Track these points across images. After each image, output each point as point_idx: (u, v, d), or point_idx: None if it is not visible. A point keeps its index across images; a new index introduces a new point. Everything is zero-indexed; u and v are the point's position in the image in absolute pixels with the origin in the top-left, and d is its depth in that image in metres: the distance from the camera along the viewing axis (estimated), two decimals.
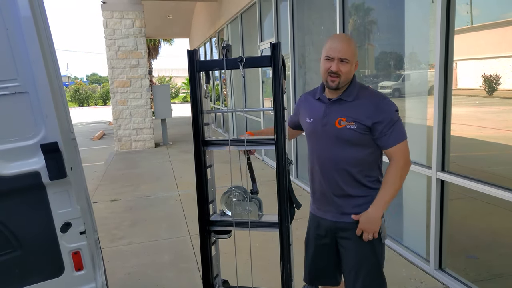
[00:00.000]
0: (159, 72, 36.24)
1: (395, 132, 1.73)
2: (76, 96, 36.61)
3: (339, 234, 1.90)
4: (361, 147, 1.78)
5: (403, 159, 1.76)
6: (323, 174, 1.87)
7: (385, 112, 1.73)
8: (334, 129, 1.78)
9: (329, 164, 1.84)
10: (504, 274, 2.74)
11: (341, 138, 1.78)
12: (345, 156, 1.80)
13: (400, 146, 1.75)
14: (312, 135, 1.90)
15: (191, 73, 1.77)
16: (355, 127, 1.74)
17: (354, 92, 1.79)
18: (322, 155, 1.86)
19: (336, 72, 1.72)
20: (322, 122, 1.83)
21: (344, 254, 1.90)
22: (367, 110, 1.74)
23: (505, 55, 2.60)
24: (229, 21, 9.56)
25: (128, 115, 9.90)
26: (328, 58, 1.74)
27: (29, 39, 1.65)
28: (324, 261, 1.99)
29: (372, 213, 1.77)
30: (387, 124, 1.72)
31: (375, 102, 1.76)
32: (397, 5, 3.65)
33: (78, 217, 1.86)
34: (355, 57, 1.77)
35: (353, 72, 1.79)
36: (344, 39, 1.78)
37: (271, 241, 3.45)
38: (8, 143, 1.71)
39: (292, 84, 5.87)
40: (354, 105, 1.77)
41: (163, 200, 5.53)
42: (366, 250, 1.84)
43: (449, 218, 2.96)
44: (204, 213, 1.90)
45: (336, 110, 1.80)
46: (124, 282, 3.26)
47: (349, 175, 1.81)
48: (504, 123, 2.69)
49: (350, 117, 1.75)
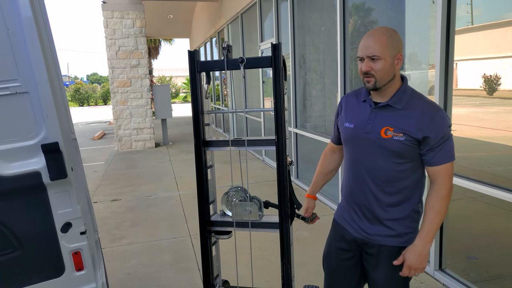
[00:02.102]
0: (160, 72, 36.29)
1: (444, 150, 1.55)
2: (76, 96, 36.63)
3: (366, 249, 1.72)
4: (406, 161, 1.60)
5: (447, 185, 1.57)
6: (357, 186, 1.70)
7: (439, 127, 1.54)
8: (378, 138, 1.60)
9: (367, 176, 1.66)
10: (504, 274, 2.74)
11: (385, 149, 1.59)
12: (386, 169, 1.61)
13: (447, 167, 1.56)
14: (350, 141, 1.71)
15: (192, 74, 1.77)
16: (403, 139, 1.55)
17: (404, 99, 1.60)
18: (360, 165, 1.68)
19: (367, 72, 1.56)
20: (365, 129, 1.63)
21: (371, 272, 1.73)
22: (419, 122, 1.54)
23: (506, 56, 2.60)
24: (229, 21, 9.56)
25: (129, 115, 9.90)
26: (359, 58, 1.59)
27: (30, 39, 1.65)
28: (346, 277, 1.82)
29: (421, 248, 1.56)
30: (439, 140, 1.54)
31: (429, 113, 1.56)
32: (397, 5, 3.65)
33: (79, 217, 1.87)
34: (391, 51, 1.54)
35: (394, 68, 1.57)
36: (375, 34, 1.57)
37: (272, 241, 3.45)
38: (9, 143, 1.71)
39: (293, 84, 5.87)
40: (404, 114, 1.57)
41: (163, 200, 5.53)
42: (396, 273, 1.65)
43: (449, 219, 2.96)
44: (205, 214, 1.90)
45: (383, 118, 1.61)
46: (124, 282, 3.26)
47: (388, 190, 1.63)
48: (504, 124, 2.69)
49: (398, 128, 1.56)
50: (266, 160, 7.64)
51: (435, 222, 1.57)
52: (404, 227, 1.65)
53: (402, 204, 1.64)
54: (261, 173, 6.68)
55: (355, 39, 4.25)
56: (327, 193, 4.91)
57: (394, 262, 1.62)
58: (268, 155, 7.64)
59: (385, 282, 1.69)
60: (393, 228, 1.66)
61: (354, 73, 4.21)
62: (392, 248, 1.66)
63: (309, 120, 5.69)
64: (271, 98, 1.68)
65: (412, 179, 1.63)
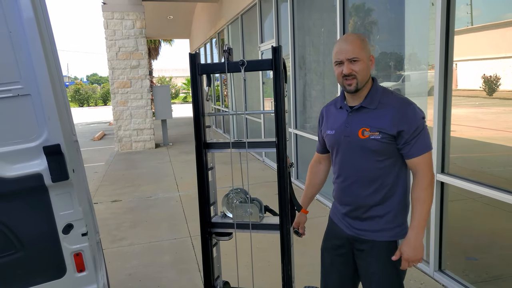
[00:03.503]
0: (159, 72, 36.25)
1: (420, 141, 1.62)
2: (76, 97, 36.62)
3: (357, 246, 1.79)
4: (386, 157, 1.67)
5: (429, 173, 1.64)
6: (346, 187, 1.78)
7: (411, 120, 1.61)
8: (357, 139, 1.68)
9: (354, 177, 1.74)
10: (503, 275, 2.75)
11: (365, 149, 1.67)
12: (370, 168, 1.69)
13: (425, 157, 1.63)
14: (334, 147, 1.80)
15: (193, 76, 1.78)
16: (380, 137, 1.63)
17: (376, 98, 1.68)
18: (346, 167, 1.76)
19: (349, 74, 1.63)
20: (345, 133, 1.72)
21: (363, 267, 1.79)
22: (392, 118, 1.62)
23: (505, 56, 2.60)
24: (229, 22, 9.56)
25: (129, 116, 9.91)
26: (338, 62, 1.66)
27: (32, 41, 1.66)
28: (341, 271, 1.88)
29: (415, 240, 1.62)
30: (413, 132, 1.61)
31: (400, 108, 1.63)
32: (397, 6, 3.66)
33: (80, 219, 1.87)
34: (366, 52, 1.65)
35: (370, 69, 1.67)
36: (349, 38, 1.67)
37: (272, 242, 3.45)
38: (11, 145, 1.72)
39: (293, 86, 5.88)
40: (378, 113, 1.66)
41: (163, 201, 5.54)
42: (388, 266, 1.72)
43: (449, 220, 2.97)
44: (205, 215, 1.90)
45: (359, 119, 1.69)
46: (125, 283, 3.27)
47: (374, 188, 1.71)
48: (504, 124, 2.69)
49: (374, 127, 1.64)
50: (266, 161, 7.64)
51: (423, 212, 1.63)
52: (392, 222, 1.72)
53: (388, 199, 1.71)
54: (261, 174, 6.69)
55: None
56: (327, 194, 4.92)
57: (393, 258, 1.67)
58: (268, 156, 7.65)
59: (378, 276, 1.74)
60: (382, 223, 1.73)
61: None
62: (382, 243, 1.72)
63: (309, 121, 5.69)
64: (271, 99, 1.70)
65: (395, 174, 1.70)
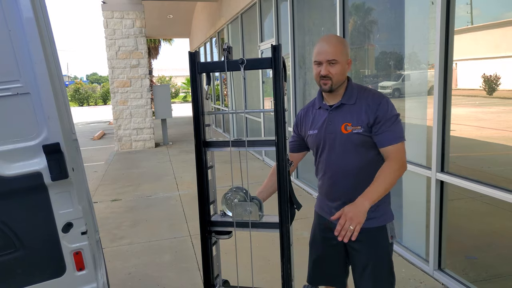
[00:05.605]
0: (159, 71, 36.27)
1: (393, 130, 1.70)
2: (76, 96, 36.63)
3: None
4: (370, 150, 1.75)
5: (400, 161, 1.70)
6: (335, 182, 1.82)
7: (385, 108, 1.71)
8: (341, 135, 1.75)
9: (341, 171, 1.79)
10: (503, 274, 2.75)
11: (349, 143, 1.74)
12: (355, 161, 1.76)
13: (397, 147, 1.70)
14: (319, 145, 1.85)
15: (192, 75, 1.77)
16: (362, 131, 1.72)
17: (354, 94, 1.77)
18: (332, 163, 1.81)
19: (326, 76, 1.71)
20: (328, 130, 1.79)
21: (354, 255, 1.85)
22: (368, 109, 1.72)
23: (505, 55, 2.60)
24: (229, 21, 9.56)
25: (129, 115, 9.91)
26: (317, 62, 1.73)
27: (32, 40, 1.66)
28: (332, 263, 1.95)
29: (360, 203, 1.60)
30: (386, 121, 1.70)
31: (376, 101, 1.73)
32: (397, 5, 3.66)
33: (80, 218, 1.87)
34: (345, 56, 1.73)
35: (347, 71, 1.76)
36: (329, 40, 1.74)
37: (272, 241, 3.46)
38: (10, 144, 1.72)
39: (292, 85, 5.88)
40: (357, 108, 1.74)
41: (163, 200, 5.54)
42: (378, 251, 1.81)
43: (448, 219, 2.97)
44: (205, 214, 1.90)
45: (340, 116, 1.77)
46: (125, 282, 3.27)
47: (360, 179, 1.76)
48: (504, 124, 2.70)
49: (355, 121, 1.73)
50: (266, 160, 7.65)
51: (380, 186, 1.65)
52: (380, 209, 1.80)
53: None
54: (261, 173, 6.69)
55: (355, 39, 4.26)
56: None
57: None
58: (268, 155, 7.65)
59: (369, 262, 1.80)
60: (370, 211, 1.71)
61: (353, 73, 4.22)
62: (370, 229, 1.78)
63: None
64: (271, 98, 1.71)
65: (380, 165, 1.74)
